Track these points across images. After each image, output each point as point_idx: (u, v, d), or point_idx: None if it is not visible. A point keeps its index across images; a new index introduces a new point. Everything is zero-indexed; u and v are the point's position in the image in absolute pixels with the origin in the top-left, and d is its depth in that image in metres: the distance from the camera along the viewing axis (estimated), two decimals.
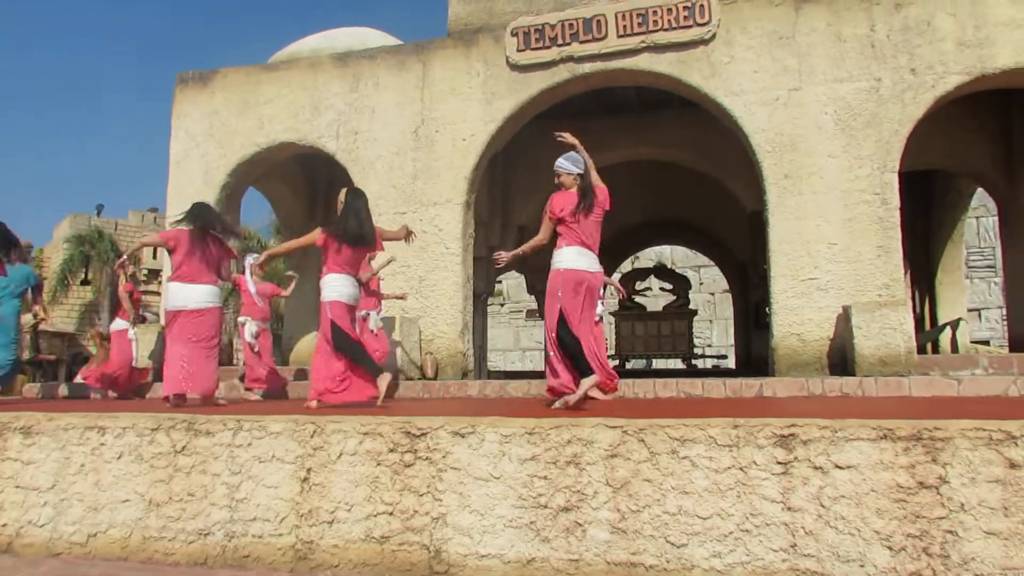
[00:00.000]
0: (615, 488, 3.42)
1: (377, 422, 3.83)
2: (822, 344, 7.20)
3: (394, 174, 8.73)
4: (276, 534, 3.87)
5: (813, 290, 7.31)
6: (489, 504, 3.57)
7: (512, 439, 3.60)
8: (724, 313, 22.17)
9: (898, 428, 3.03)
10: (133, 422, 4.26)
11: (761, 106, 7.76)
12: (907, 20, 7.49)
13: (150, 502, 4.12)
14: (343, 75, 9.14)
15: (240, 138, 9.44)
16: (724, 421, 3.36)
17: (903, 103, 7.37)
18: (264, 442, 3.98)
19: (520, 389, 6.95)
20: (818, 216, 7.41)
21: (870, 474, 3.04)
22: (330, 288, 5.48)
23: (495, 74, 8.58)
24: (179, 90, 9.87)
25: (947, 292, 12.14)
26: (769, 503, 3.17)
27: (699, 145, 10.39)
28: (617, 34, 8.17)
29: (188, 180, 9.56)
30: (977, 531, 2.90)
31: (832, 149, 7.51)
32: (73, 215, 33.03)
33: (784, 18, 7.83)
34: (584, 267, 4.70)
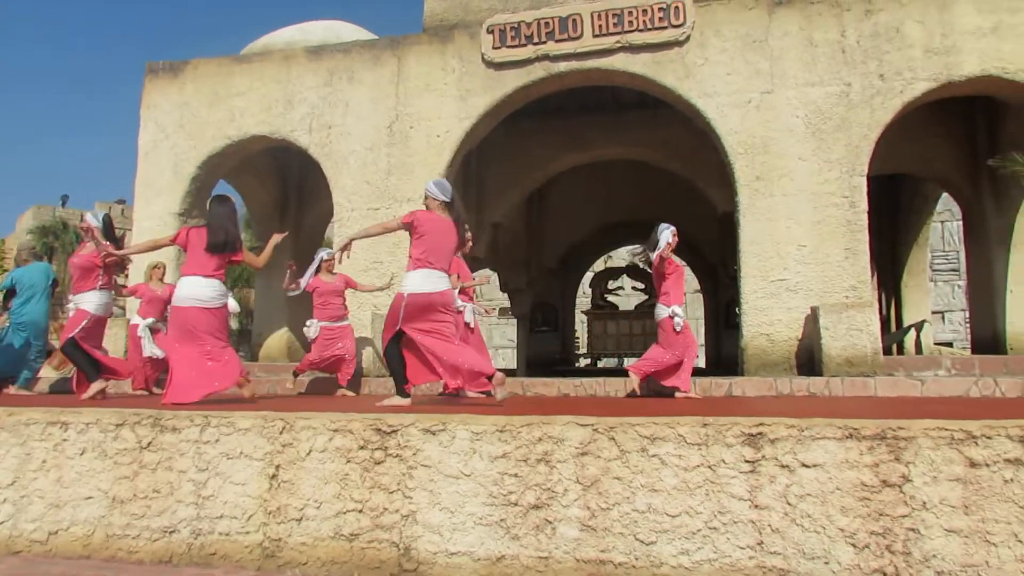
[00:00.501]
0: (585, 486, 3.44)
1: (347, 419, 3.81)
2: (791, 344, 7.30)
3: (367, 169, 8.67)
4: (243, 532, 3.83)
5: (782, 291, 7.41)
6: (459, 502, 3.57)
7: (483, 436, 3.60)
8: (695, 313, 22.36)
9: (863, 427, 3.09)
10: (97, 417, 4.18)
11: (734, 108, 7.84)
12: (877, 26, 7.61)
13: (114, 499, 4.05)
14: (317, 69, 9.06)
15: (211, 130, 9.31)
16: (693, 420, 3.39)
17: (872, 108, 7.49)
18: (232, 438, 3.94)
19: None
20: (788, 218, 7.51)
21: (835, 473, 3.09)
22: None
23: (470, 71, 8.56)
24: (149, 80, 9.71)
25: (912, 295, 12.39)
26: (737, 501, 3.21)
27: (672, 146, 10.47)
28: (593, 34, 8.20)
29: (157, 172, 9.41)
30: (938, 529, 2.96)
31: (803, 152, 7.61)
32: (37, 206, 32.35)
33: (757, 21, 7.91)
34: (429, 289, 4.99)
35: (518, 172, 11.12)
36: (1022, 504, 2.89)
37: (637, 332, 16.40)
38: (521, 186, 11.28)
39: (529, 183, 11.37)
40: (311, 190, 11.55)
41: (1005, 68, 7.22)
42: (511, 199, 11.29)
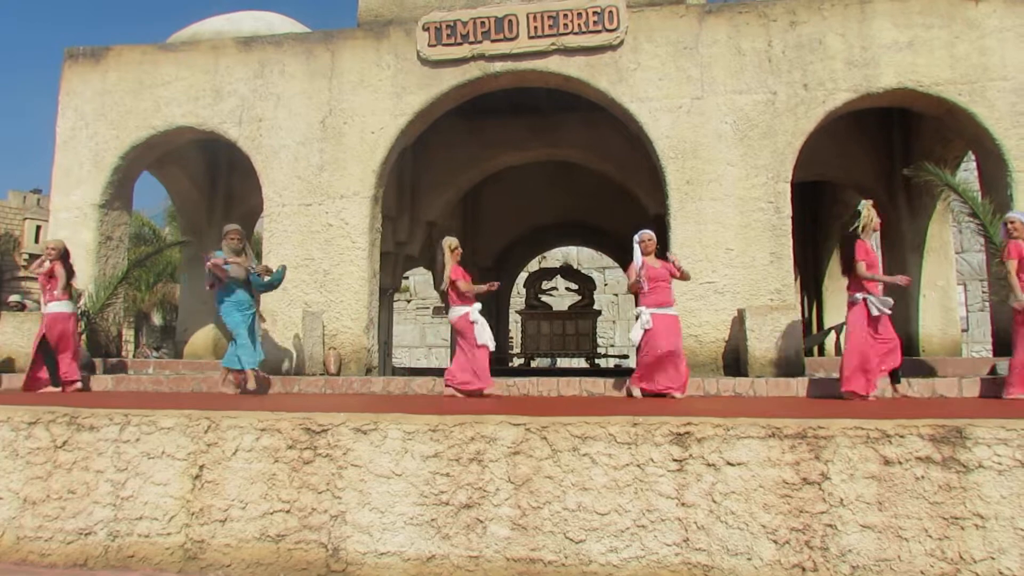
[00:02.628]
0: (517, 485, 3.46)
1: (276, 418, 3.73)
2: (718, 345, 7.50)
3: (299, 164, 8.49)
4: (164, 533, 3.71)
5: (711, 293, 7.60)
6: (390, 502, 3.54)
7: (415, 436, 3.58)
8: (627, 314, 22.75)
9: (785, 427, 3.20)
10: (8, 415, 3.99)
11: (665, 113, 8.00)
12: (801, 38, 7.89)
13: (25, 500, 3.87)
14: (247, 60, 8.82)
15: (134, 120, 8.95)
16: (624, 419, 3.45)
17: (796, 116, 7.76)
18: (154, 437, 3.81)
19: (425, 386, 6.91)
20: (716, 222, 7.71)
21: (759, 471, 3.20)
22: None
23: (406, 68, 8.48)
24: (68, 66, 9.27)
25: (832, 298, 12.89)
26: (664, 499, 3.29)
27: (605, 149, 10.61)
28: (528, 35, 8.23)
29: (76, 161, 9.00)
30: (854, 525, 3.09)
31: (731, 158, 7.82)
32: None
33: (688, 29, 8.10)
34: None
35: (453, 171, 11.08)
36: (932, 500, 3.04)
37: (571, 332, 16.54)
38: (456, 185, 11.24)
39: (464, 182, 11.35)
40: (240, 184, 11.24)
41: (920, 81, 7.59)
42: (446, 198, 11.24)
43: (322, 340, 7.94)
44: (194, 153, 10.84)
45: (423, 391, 6.85)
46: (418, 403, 5.19)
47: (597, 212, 13.57)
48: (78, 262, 8.54)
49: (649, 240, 6.58)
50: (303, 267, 8.18)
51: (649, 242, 6.57)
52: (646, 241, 6.58)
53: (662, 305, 6.40)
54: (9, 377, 7.55)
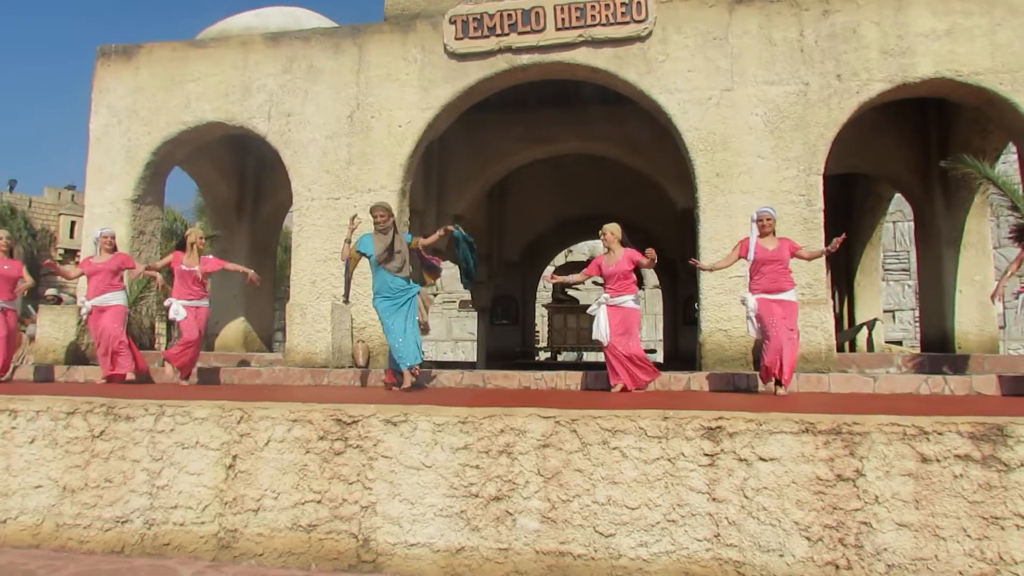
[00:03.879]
0: (546, 478, 3.45)
1: (307, 409, 3.76)
2: (747, 340, 7.40)
3: (328, 159, 8.54)
4: (198, 522, 3.76)
5: (740, 287, 7.49)
6: (420, 493, 3.55)
7: (445, 428, 3.59)
8: (654, 308, 22.61)
9: (819, 422, 3.15)
10: (47, 405, 4.07)
11: (695, 105, 7.92)
12: (834, 27, 7.75)
13: (64, 488, 3.95)
14: (276, 55, 8.88)
15: (165, 116, 9.07)
16: (654, 413, 3.43)
17: (829, 108, 7.63)
18: (188, 428, 3.86)
19: (453, 379, 6.93)
20: (746, 215, 7.59)
21: (792, 466, 3.15)
22: None
23: (432, 61, 8.49)
24: (101, 64, 9.41)
25: (864, 293, 12.70)
26: (695, 494, 3.26)
27: (633, 141, 10.53)
28: (555, 27, 8.19)
29: (109, 158, 9.14)
30: (890, 523, 3.03)
31: (761, 150, 7.72)
32: None
33: (718, 19, 7.99)
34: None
35: (479, 165, 11.08)
36: (971, 499, 2.98)
37: None
38: (482, 179, 11.23)
39: (490, 176, 11.34)
40: (269, 178, 11.34)
41: (958, 71, 7.42)
42: (472, 192, 11.24)
43: (351, 333, 7.99)
44: (224, 148, 10.96)
45: (451, 384, 6.87)
46: (447, 395, 5.21)
47: (624, 206, 13.47)
48: None
49: (768, 220, 6.03)
50: (331, 260, 8.23)
51: (768, 222, 6.02)
52: (764, 221, 6.03)
53: (771, 291, 5.87)
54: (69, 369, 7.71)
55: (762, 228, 6.05)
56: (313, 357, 7.76)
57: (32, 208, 31.49)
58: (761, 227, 6.05)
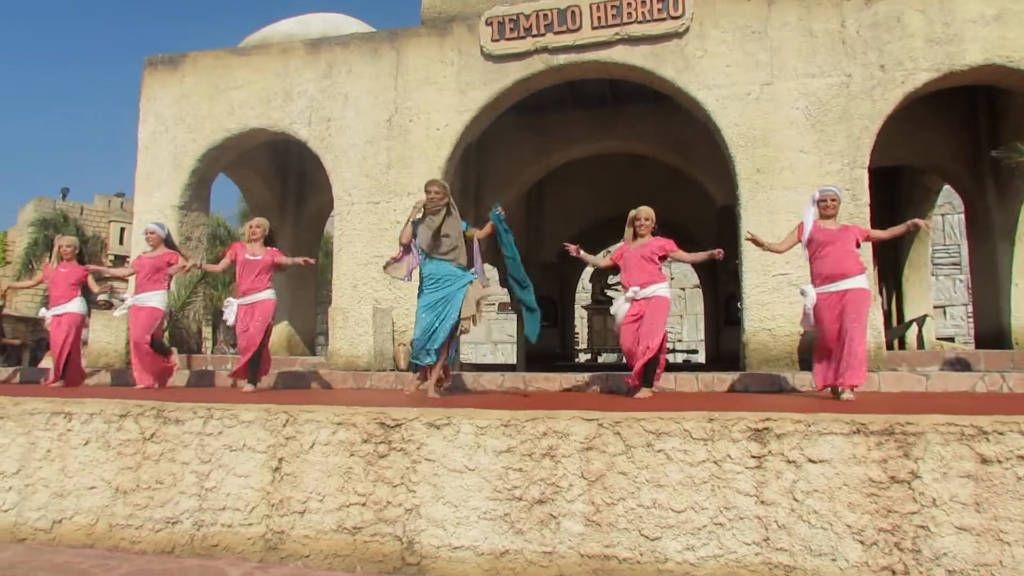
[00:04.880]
0: (590, 481, 3.42)
1: (351, 412, 3.79)
2: (793, 339, 7.27)
3: (367, 163, 8.63)
4: (246, 523, 3.82)
5: (784, 285, 7.38)
6: (463, 496, 3.55)
7: (487, 431, 3.58)
8: (695, 308, 22.36)
9: (870, 423, 3.07)
10: (100, 408, 4.17)
11: (734, 100, 7.80)
12: (877, 16, 7.56)
13: (117, 489, 4.04)
14: (316, 61, 9.00)
15: (210, 123, 9.25)
16: (699, 415, 3.37)
17: (873, 99, 7.45)
18: (235, 431, 3.92)
19: (494, 381, 6.93)
20: (789, 211, 7.46)
21: (843, 468, 3.08)
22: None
23: (469, 64, 8.51)
24: (148, 73, 9.65)
25: (913, 289, 12.37)
26: (743, 497, 3.20)
27: (671, 139, 10.42)
28: (591, 26, 8.14)
29: (157, 165, 9.36)
30: (949, 527, 2.94)
31: (803, 144, 7.57)
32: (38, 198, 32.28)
33: (756, 13, 7.87)
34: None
35: (517, 166, 11.07)
36: None
37: None
38: (520, 180, 11.23)
39: (528, 177, 11.33)
40: (310, 183, 11.50)
41: (1009, 56, 7.17)
42: (510, 193, 11.23)
43: (392, 336, 8.05)
44: (266, 154, 11.15)
45: (492, 386, 6.87)
46: (489, 398, 5.21)
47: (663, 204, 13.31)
48: None
49: (833, 201, 5.32)
50: (372, 264, 8.30)
51: (832, 203, 5.31)
52: (828, 201, 5.32)
53: (834, 276, 5.15)
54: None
55: (824, 210, 5.33)
56: (355, 360, 7.83)
57: (84, 215, 32.44)
58: (824, 208, 5.34)
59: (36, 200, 32.23)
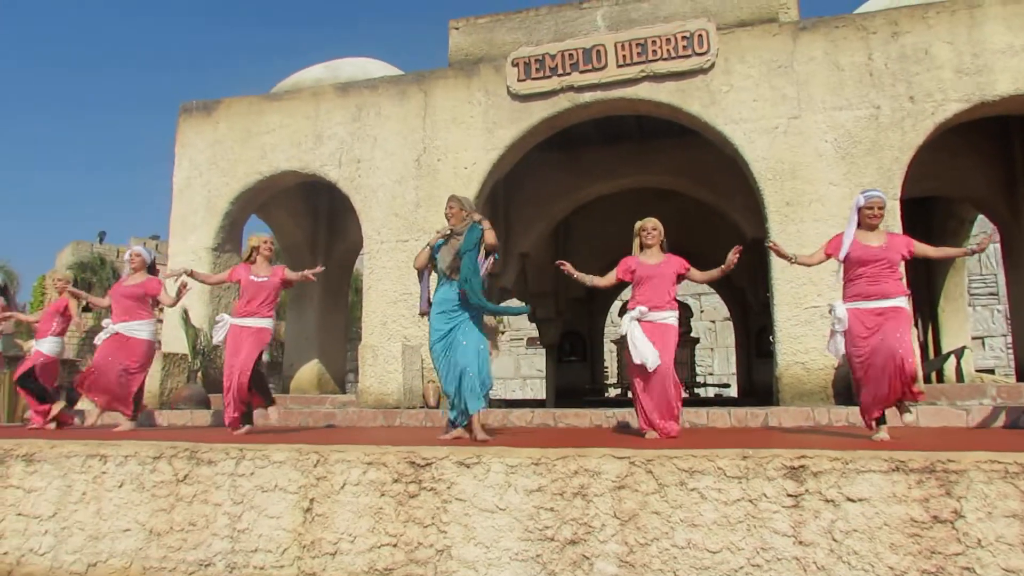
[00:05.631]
0: (623, 520, 3.37)
1: (381, 452, 3.79)
2: (827, 373, 7.15)
3: (396, 202, 8.75)
4: (278, 565, 3.81)
5: (817, 318, 7.28)
6: (495, 536, 3.52)
7: (518, 470, 3.56)
8: (725, 341, 22.10)
9: (910, 460, 2.99)
10: (135, 450, 4.22)
11: (761, 134, 7.80)
12: (904, 49, 7.55)
13: (151, 531, 4.06)
14: (345, 104, 9.21)
15: (243, 167, 9.48)
16: (733, 452, 3.32)
17: (903, 130, 7.41)
18: (267, 471, 3.94)
19: (523, 418, 6.89)
20: (820, 244, 7.38)
21: (883, 507, 3.00)
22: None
23: (496, 103, 8.64)
24: (183, 119, 9.94)
25: (950, 320, 12.11)
26: (780, 537, 3.12)
27: (698, 173, 10.43)
28: (617, 64, 8.24)
29: (191, 209, 9.59)
30: (995, 568, 2.84)
31: (833, 177, 7.53)
32: (76, 242, 33.11)
33: (782, 47, 7.90)
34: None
35: (544, 202, 11.14)
36: None
37: None
38: (548, 216, 11.29)
39: (556, 213, 11.39)
40: (341, 223, 11.67)
41: None
42: (538, 229, 11.29)
43: (421, 373, 8.07)
44: (297, 194, 11.36)
45: (521, 423, 6.84)
46: (519, 435, 5.17)
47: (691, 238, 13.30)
48: (194, 302, 9.06)
49: (880, 209, 4.67)
50: (402, 302, 8.37)
51: (880, 211, 4.68)
52: (875, 209, 4.67)
53: (870, 296, 4.56)
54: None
55: (870, 218, 4.67)
56: (385, 398, 7.85)
57: (120, 258, 33.20)
58: (869, 216, 4.67)
59: (74, 244, 33.06)
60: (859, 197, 4.81)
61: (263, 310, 5.86)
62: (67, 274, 7.47)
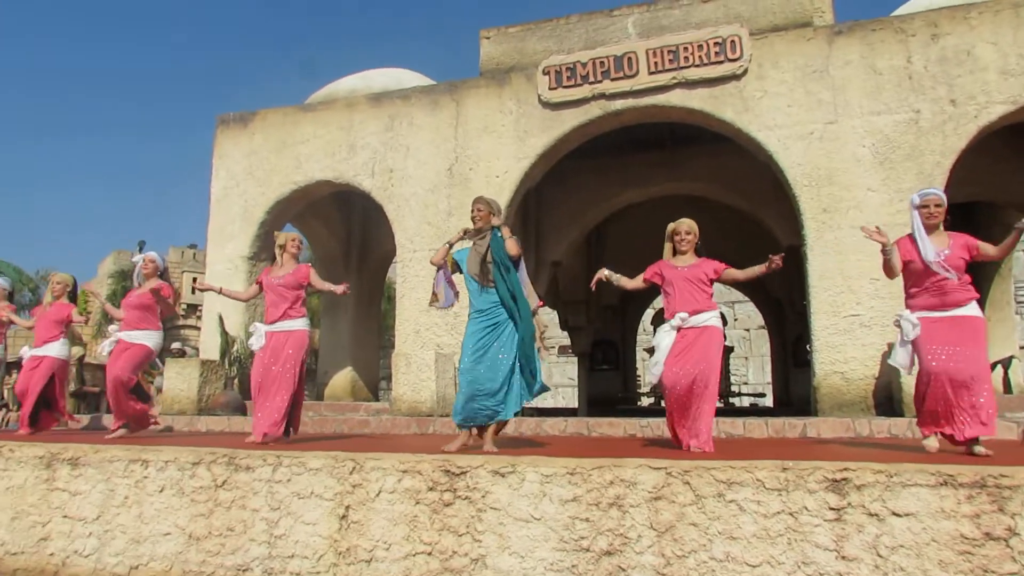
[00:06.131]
0: (659, 532, 3.33)
1: (416, 460, 3.80)
2: (867, 383, 7.01)
3: (429, 211, 8.79)
4: (314, 572, 3.83)
5: (856, 327, 7.15)
6: (529, 546, 3.50)
7: (553, 479, 3.53)
8: (760, 350, 21.82)
9: (959, 474, 2.91)
10: (175, 456, 4.29)
11: (796, 140, 7.70)
12: (944, 51, 7.40)
13: (190, 536, 4.12)
14: (378, 114, 9.29)
15: (278, 177, 9.61)
16: (772, 464, 3.26)
17: (944, 134, 7.25)
18: (303, 478, 3.97)
19: (556, 427, 6.86)
20: (859, 251, 7.26)
21: (930, 523, 2.91)
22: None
23: (527, 112, 8.65)
24: (220, 131, 10.11)
25: (996, 329, 11.77)
26: (822, 551, 3.06)
27: (731, 180, 10.32)
28: (648, 71, 8.20)
29: (228, 218, 9.74)
30: None
31: (871, 183, 7.40)
32: (117, 251, 33.78)
33: (817, 52, 7.80)
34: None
35: (576, 211, 11.11)
36: None
37: None
38: (579, 224, 11.25)
39: (587, 221, 11.35)
40: (374, 232, 11.77)
41: None
42: (569, 237, 11.26)
43: (454, 382, 8.07)
44: (330, 204, 11.47)
45: (555, 432, 6.80)
46: (553, 445, 5.15)
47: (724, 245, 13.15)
48: (230, 311, 9.20)
49: (937, 207, 4.28)
50: (434, 310, 8.38)
51: (937, 209, 4.27)
52: (932, 207, 4.28)
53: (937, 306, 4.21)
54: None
55: (928, 218, 4.28)
56: (418, 406, 7.87)
57: None
58: (927, 216, 4.28)
59: (115, 253, 33.76)
60: (914, 197, 4.47)
61: (293, 312, 5.55)
62: (66, 277, 7.04)
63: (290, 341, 5.46)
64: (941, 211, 4.33)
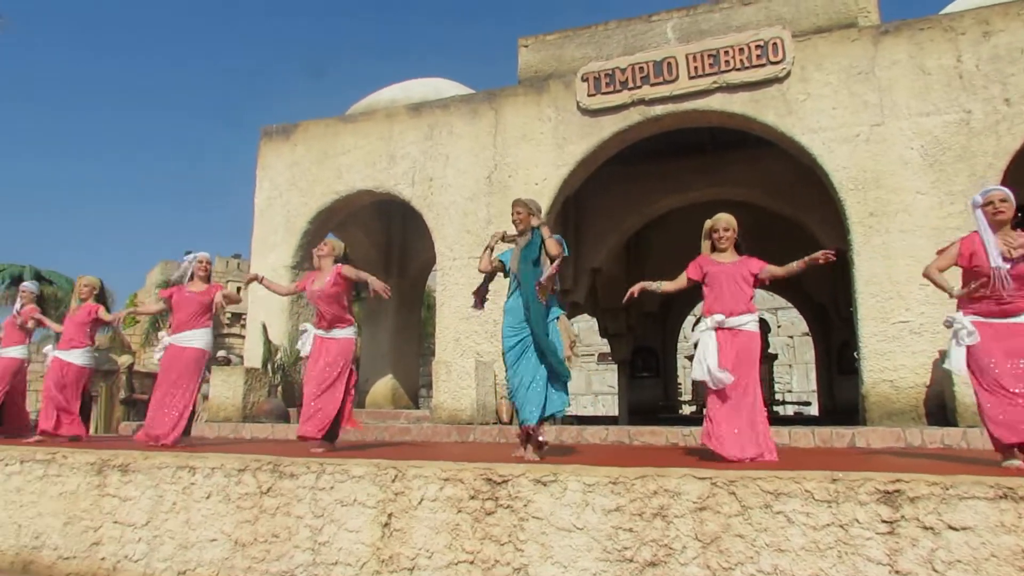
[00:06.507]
0: (704, 543, 3.27)
1: (458, 468, 3.80)
2: (918, 392, 6.82)
3: (468, 219, 8.83)
4: None
5: (905, 334, 6.96)
6: (572, 556, 3.46)
7: (596, 488, 3.50)
8: (804, 357, 21.40)
9: (1020, 487, 2.80)
10: (221, 462, 4.35)
11: (841, 143, 7.55)
12: (997, 49, 7.19)
13: (236, 542, 4.17)
14: (418, 124, 9.37)
15: (320, 187, 9.75)
16: (821, 474, 3.18)
17: (998, 135, 7.04)
18: (346, 485, 4.00)
19: (597, 435, 6.81)
20: (907, 255, 7.09)
21: (989, 537, 2.81)
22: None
23: (566, 119, 8.64)
24: (263, 143, 10.31)
25: None
26: (874, 565, 2.97)
27: (773, 184, 10.16)
28: (688, 75, 8.14)
29: (271, 228, 9.91)
30: None
31: (920, 185, 7.21)
32: (164, 261, 34.62)
33: (862, 53, 7.64)
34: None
35: (615, 217, 11.06)
36: None
37: None
38: (619, 231, 11.19)
39: (627, 227, 11.28)
40: (414, 240, 11.87)
41: None
42: (609, 244, 11.20)
43: (494, 389, 8.07)
44: (371, 213, 11.61)
45: (596, 440, 6.75)
46: (595, 453, 5.11)
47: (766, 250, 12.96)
48: (273, 319, 9.34)
49: (1003, 202, 3.90)
50: (474, 318, 8.41)
51: (1003, 204, 3.90)
52: (997, 203, 3.91)
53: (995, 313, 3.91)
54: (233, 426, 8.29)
55: (995, 215, 3.91)
56: (458, 414, 7.89)
57: None
58: (994, 213, 3.91)
59: (163, 263, 34.59)
60: (975, 197, 4.10)
61: (341, 317, 5.42)
62: (93, 280, 6.89)
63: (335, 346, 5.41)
64: (1008, 206, 3.92)
